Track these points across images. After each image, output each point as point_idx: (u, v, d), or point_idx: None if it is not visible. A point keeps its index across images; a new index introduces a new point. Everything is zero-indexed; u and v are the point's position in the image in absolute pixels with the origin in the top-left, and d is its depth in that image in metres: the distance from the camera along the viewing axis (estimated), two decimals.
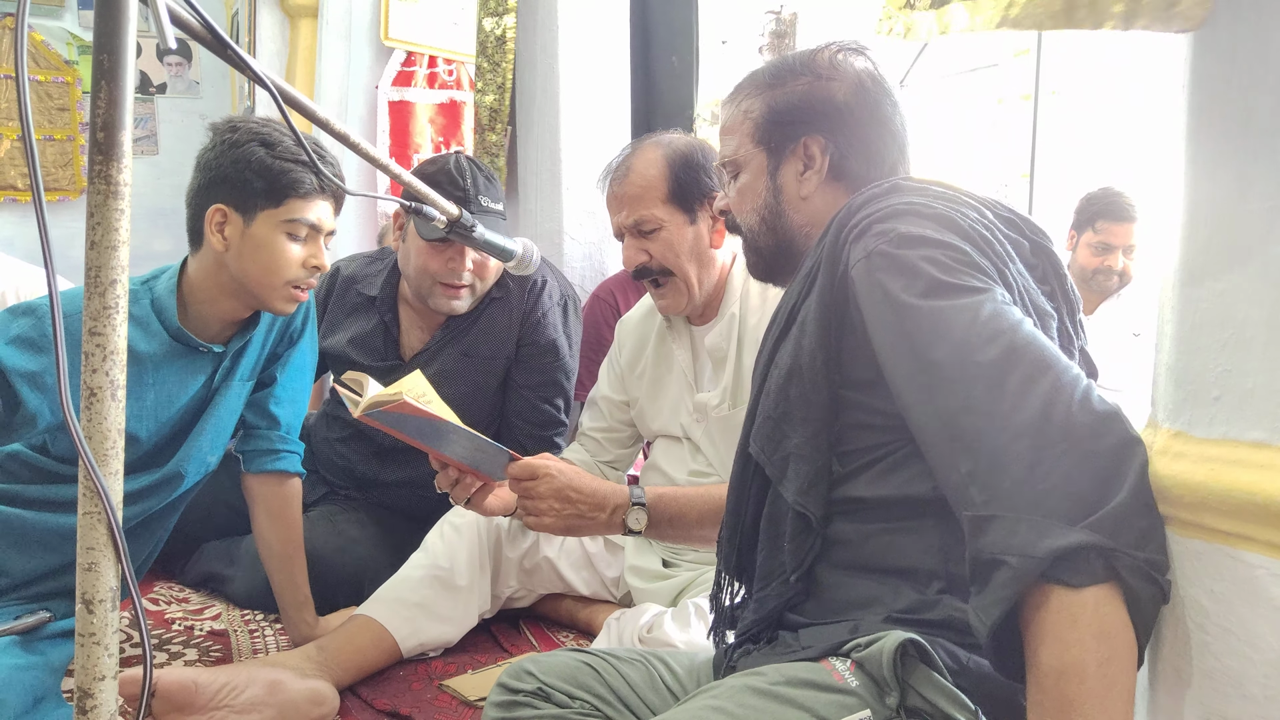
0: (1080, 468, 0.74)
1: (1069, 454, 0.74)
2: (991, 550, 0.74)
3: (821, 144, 1.09)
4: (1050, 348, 0.81)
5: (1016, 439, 0.76)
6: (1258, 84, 0.71)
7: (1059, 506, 0.72)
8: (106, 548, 0.71)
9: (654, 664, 1.18)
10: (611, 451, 1.94)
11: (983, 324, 0.82)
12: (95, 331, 0.70)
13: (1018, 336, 0.81)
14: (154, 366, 1.54)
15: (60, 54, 5.37)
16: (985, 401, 0.78)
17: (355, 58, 3.90)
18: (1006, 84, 3.72)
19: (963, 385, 0.80)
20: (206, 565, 2.15)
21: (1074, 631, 0.71)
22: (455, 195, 1.89)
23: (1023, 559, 0.72)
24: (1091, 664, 0.71)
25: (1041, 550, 0.71)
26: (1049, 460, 0.74)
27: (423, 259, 1.97)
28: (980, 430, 0.78)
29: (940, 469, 0.82)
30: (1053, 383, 0.77)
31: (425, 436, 1.32)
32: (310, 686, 1.51)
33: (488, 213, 1.94)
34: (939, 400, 0.82)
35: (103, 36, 0.70)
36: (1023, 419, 0.76)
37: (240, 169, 1.48)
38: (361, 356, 2.10)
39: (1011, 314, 0.83)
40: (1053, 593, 0.72)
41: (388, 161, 1.15)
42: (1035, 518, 0.73)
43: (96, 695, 0.72)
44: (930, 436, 0.83)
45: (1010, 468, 0.75)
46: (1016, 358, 0.79)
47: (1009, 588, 0.73)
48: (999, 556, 0.74)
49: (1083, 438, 0.74)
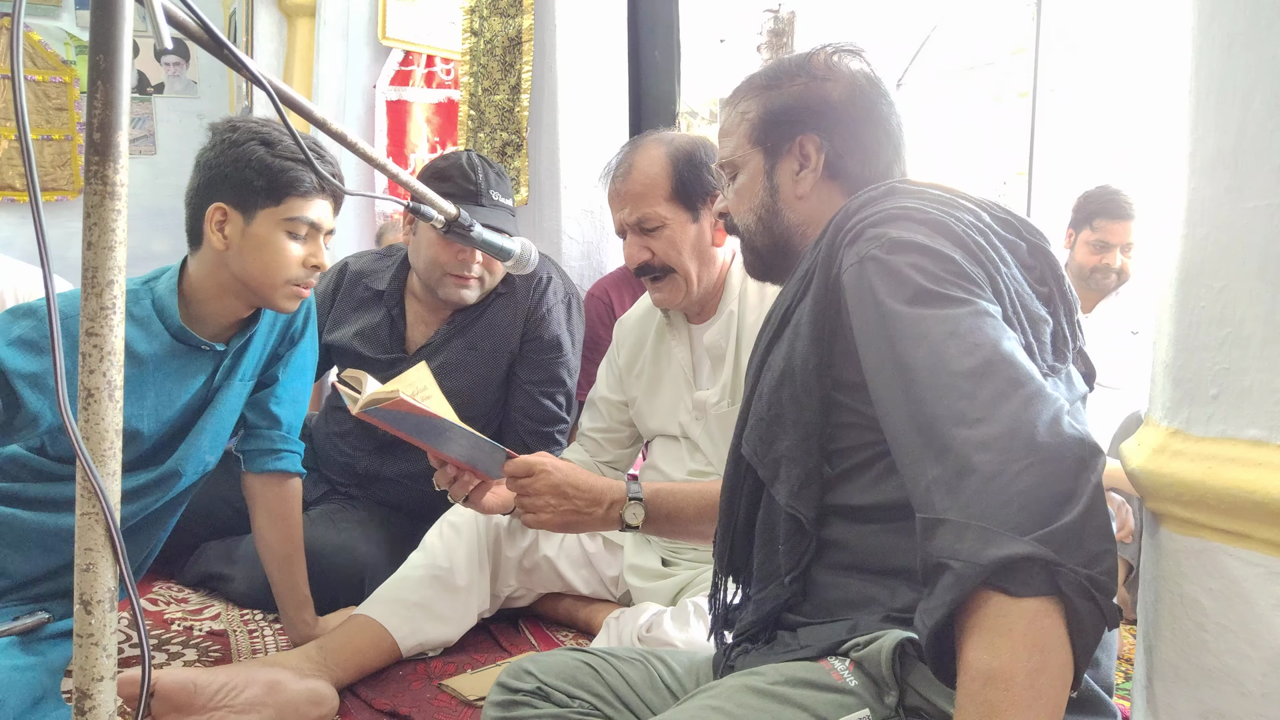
0: (1039, 485, 0.73)
1: (1030, 470, 0.74)
2: (938, 554, 0.74)
3: (817, 143, 1.10)
4: (1026, 366, 0.81)
5: (981, 449, 0.76)
6: (1256, 82, 0.71)
7: (1011, 518, 0.72)
8: (104, 548, 0.71)
9: (653, 663, 1.18)
10: (611, 452, 1.94)
11: (962, 335, 0.82)
12: (92, 332, 0.70)
13: (996, 352, 0.81)
14: (155, 366, 1.54)
15: (58, 54, 5.36)
16: (955, 409, 0.78)
17: (353, 57, 3.90)
18: (1004, 82, 3.72)
19: (935, 392, 0.80)
20: (206, 565, 2.16)
21: (1006, 639, 0.71)
22: (467, 189, 1.95)
23: (966, 564, 0.72)
24: (1021, 673, 0.70)
25: (985, 557, 0.71)
26: (1009, 473, 0.74)
27: (434, 250, 2.01)
28: (948, 439, 0.78)
29: (907, 472, 0.82)
30: (1024, 400, 0.77)
31: (423, 434, 1.32)
32: (309, 686, 1.51)
33: (499, 207, 2.00)
34: (912, 406, 0.82)
35: (99, 37, 0.70)
36: (990, 431, 0.76)
37: (240, 168, 1.49)
38: (367, 349, 2.13)
39: (992, 328, 0.83)
40: (991, 599, 0.72)
41: (385, 161, 1.15)
42: (984, 525, 0.72)
43: (95, 696, 0.72)
44: (901, 440, 0.83)
45: (971, 478, 0.75)
46: (992, 371, 0.79)
47: (951, 592, 0.73)
48: (944, 560, 0.74)
49: (1046, 457, 0.74)
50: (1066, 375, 0.98)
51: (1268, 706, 0.71)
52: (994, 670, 0.70)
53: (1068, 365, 0.98)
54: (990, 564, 0.71)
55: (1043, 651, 0.71)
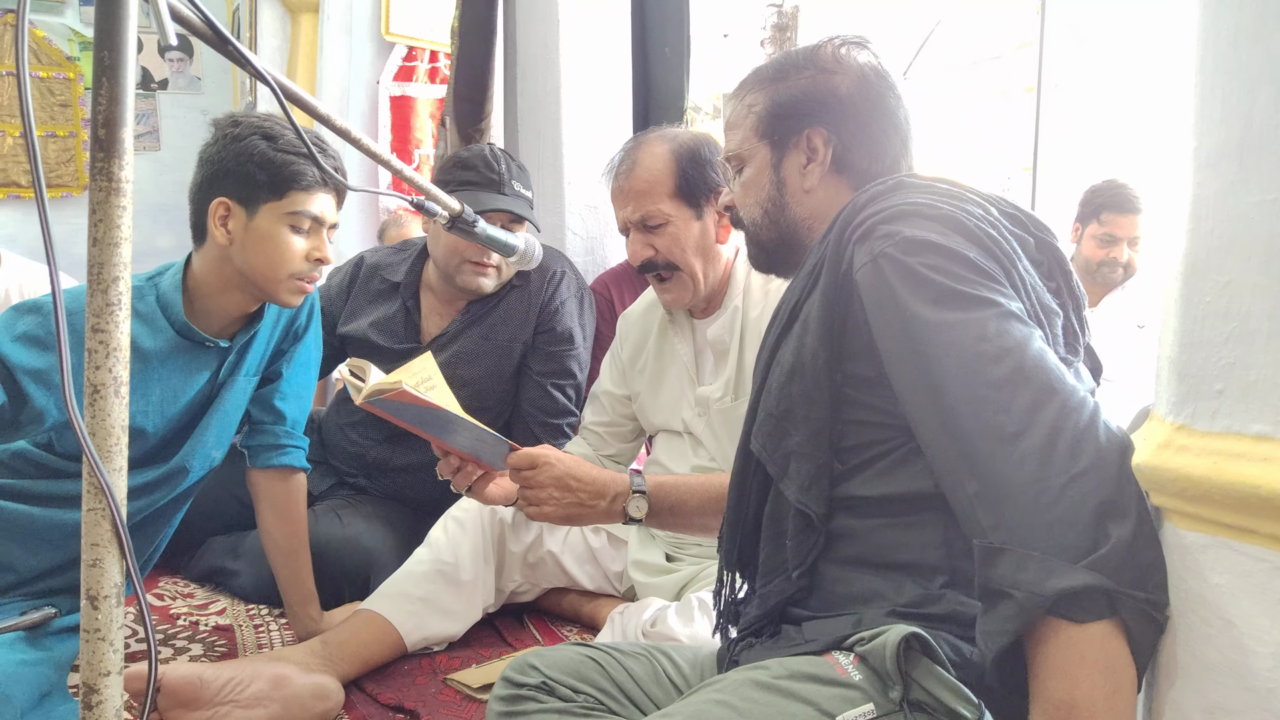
0: (1086, 499, 0.75)
1: (1074, 484, 0.75)
2: (1000, 582, 0.77)
3: (824, 136, 1.09)
4: (1057, 369, 0.82)
5: (1022, 464, 0.77)
6: (1261, 75, 0.71)
7: (1064, 541, 0.74)
8: (111, 544, 0.72)
9: (658, 658, 1.18)
10: (614, 445, 1.95)
11: (990, 340, 0.82)
12: (98, 328, 0.70)
13: (1025, 356, 0.82)
14: (160, 362, 1.55)
15: (62, 50, 5.37)
16: (992, 424, 0.79)
17: (356, 53, 3.90)
18: (1009, 76, 3.71)
19: (969, 405, 0.81)
20: (212, 560, 2.16)
21: (1083, 667, 0.74)
22: (490, 179, 2.02)
23: (1029, 595, 0.74)
24: (1100, 698, 0.73)
25: (1048, 589, 0.74)
26: (1054, 489, 0.76)
27: (453, 238, 2.03)
28: (987, 453, 0.79)
29: (947, 484, 0.84)
30: (1059, 407, 0.78)
31: (425, 424, 1.32)
32: (315, 681, 1.52)
33: (519, 197, 2.06)
34: (946, 418, 0.82)
35: (103, 33, 0.70)
36: (1029, 444, 0.77)
37: (243, 162, 1.49)
38: (382, 339, 2.16)
39: (1019, 329, 0.84)
40: (1060, 628, 0.75)
41: (389, 156, 1.15)
42: (1042, 554, 0.75)
43: (102, 691, 0.72)
44: (937, 452, 0.85)
45: (1016, 496, 0.77)
46: (1024, 378, 0.80)
47: (1014, 621, 0.75)
48: (1006, 589, 0.76)
49: (1088, 467, 0.76)
50: (1075, 370, 0.98)
51: (1273, 701, 0.71)
52: (1076, 699, 0.74)
53: (1078, 359, 0.98)
54: (1053, 595, 0.74)
55: (1115, 673, 0.74)
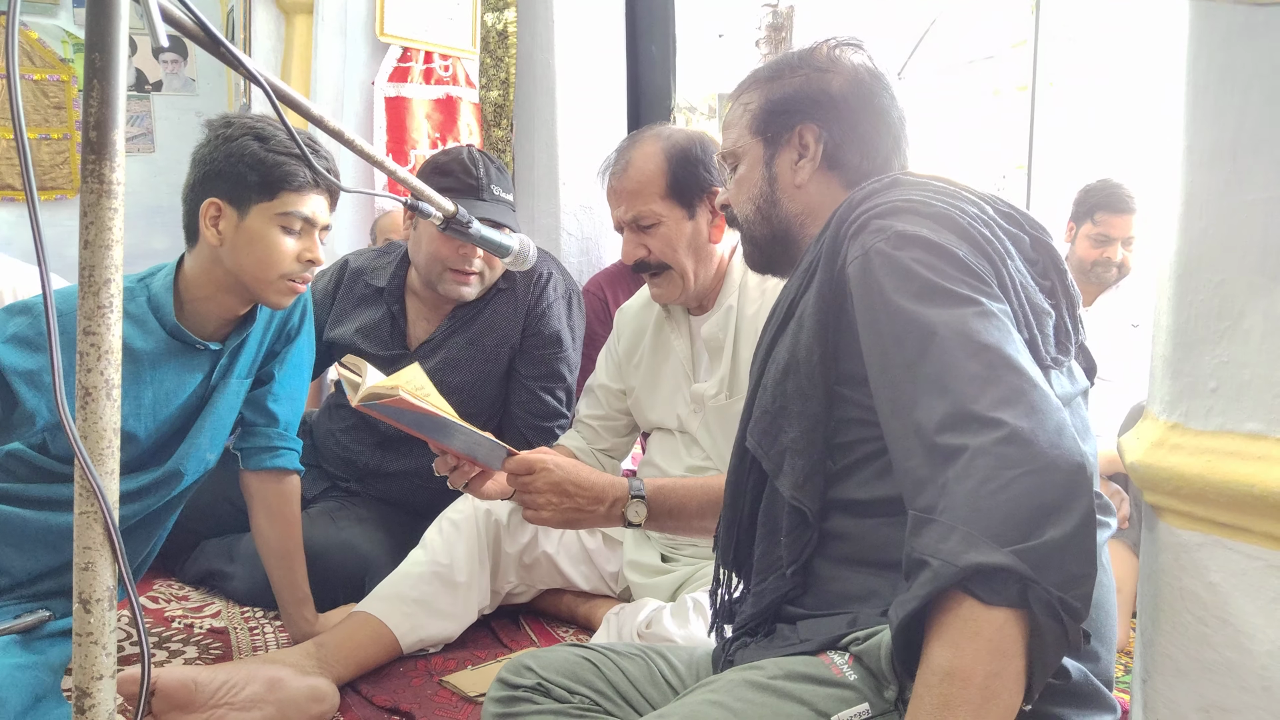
0: (1030, 495, 0.74)
1: (1023, 479, 0.74)
2: (921, 550, 0.76)
3: (816, 132, 1.10)
4: (1031, 372, 0.82)
5: (980, 455, 0.76)
6: (1254, 75, 0.71)
7: (996, 525, 0.73)
8: (103, 547, 0.71)
9: (653, 659, 1.18)
10: (608, 439, 1.94)
11: (968, 336, 0.82)
12: (90, 330, 0.70)
13: (1001, 356, 0.81)
14: (151, 364, 1.54)
15: (55, 52, 5.36)
16: (959, 415, 0.79)
17: (351, 54, 3.89)
18: (1003, 76, 3.72)
19: (938, 396, 0.81)
20: (206, 562, 2.16)
21: (972, 642, 0.73)
22: (468, 184, 1.95)
23: (944, 564, 0.74)
24: (979, 674, 0.72)
25: (963, 560, 0.73)
26: (1002, 480, 0.75)
27: (435, 246, 2.01)
28: (949, 443, 0.78)
29: (901, 466, 0.83)
30: (1026, 409, 0.78)
31: (423, 428, 1.32)
32: (310, 683, 1.51)
33: (500, 201, 2.00)
34: (913, 406, 0.82)
35: (94, 35, 0.69)
36: (990, 437, 0.77)
37: (234, 163, 1.49)
38: (368, 345, 2.13)
39: (998, 329, 0.84)
40: (964, 602, 0.74)
41: (383, 158, 1.15)
42: (969, 530, 0.74)
43: (95, 694, 0.72)
44: (898, 438, 0.84)
45: (966, 481, 0.76)
46: (996, 377, 0.80)
47: (925, 587, 0.74)
48: (925, 557, 0.75)
49: (1042, 467, 0.75)
50: (1068, 369, 0.98)
51: (1268, 700, 0.71)
52: (955, 667, 0.73)
53: (1070, 359, 0.98)
54: (966, 567, 0.72)
55: (1004, 658, 0.73)
